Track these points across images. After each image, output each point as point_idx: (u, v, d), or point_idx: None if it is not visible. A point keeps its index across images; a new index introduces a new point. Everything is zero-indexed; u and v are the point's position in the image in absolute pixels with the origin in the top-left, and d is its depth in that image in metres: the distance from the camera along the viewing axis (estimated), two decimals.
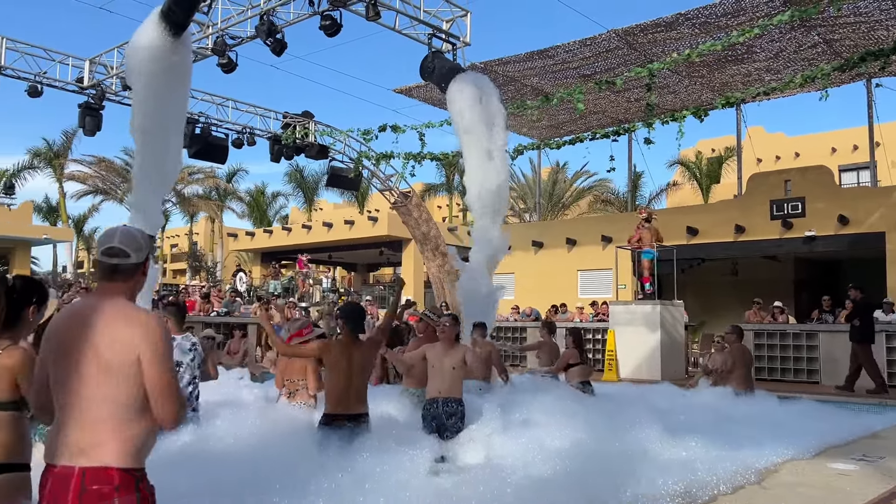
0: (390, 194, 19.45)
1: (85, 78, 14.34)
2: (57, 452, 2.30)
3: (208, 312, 17.47)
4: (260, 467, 4.60)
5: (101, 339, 2.36)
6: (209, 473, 4.52)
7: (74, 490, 2.24)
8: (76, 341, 2.36)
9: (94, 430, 2.31)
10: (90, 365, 2.34)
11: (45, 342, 2.46)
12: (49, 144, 35.00)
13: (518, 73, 16.45)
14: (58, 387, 2.38)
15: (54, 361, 2.40)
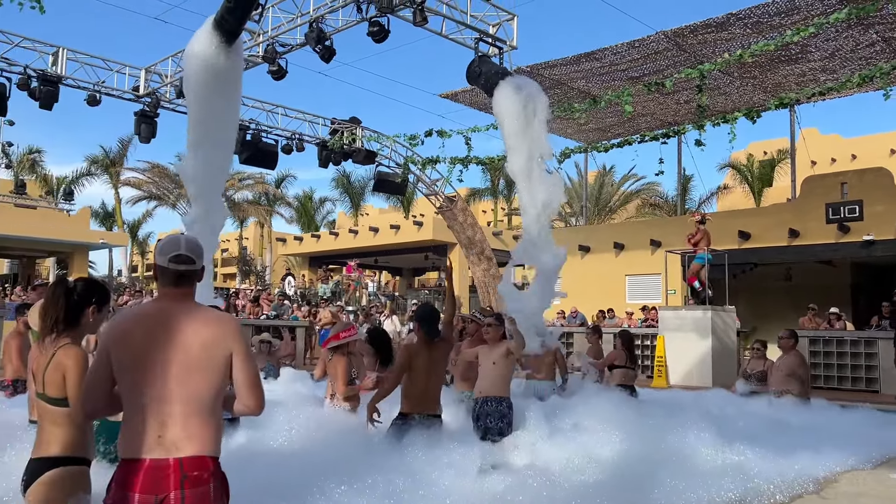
0: (436, 199, 19.53)
1: (141, 87, 14.77)
2: (144, 447, 2.46)
3: (258, 316, 17.77)
4: (314, 468, 4.65)
5: (193, 341, 2.55)
6: (260, 474, 4.60)
7: (175, 479, 2.44)
8: (160, 344, 2.53)
9: (185, 424, 2.51)
10: (178, 365, 2.52)
11: (115, 345, 2.58)
12: (106, 152, 36.17)
13: (565, 75, 16.35)
14: (136, 387, 2.52)
15: (131, 363, 2.53)
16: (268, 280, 38.73)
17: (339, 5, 11.01)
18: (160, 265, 2.69)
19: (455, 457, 5.08)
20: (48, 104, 13.39)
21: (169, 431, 2.48)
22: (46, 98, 13.34)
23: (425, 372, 5.42)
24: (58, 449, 3.05)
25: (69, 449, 3.06)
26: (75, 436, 3.09)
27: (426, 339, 5.55)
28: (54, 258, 32.70)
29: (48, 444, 3.07)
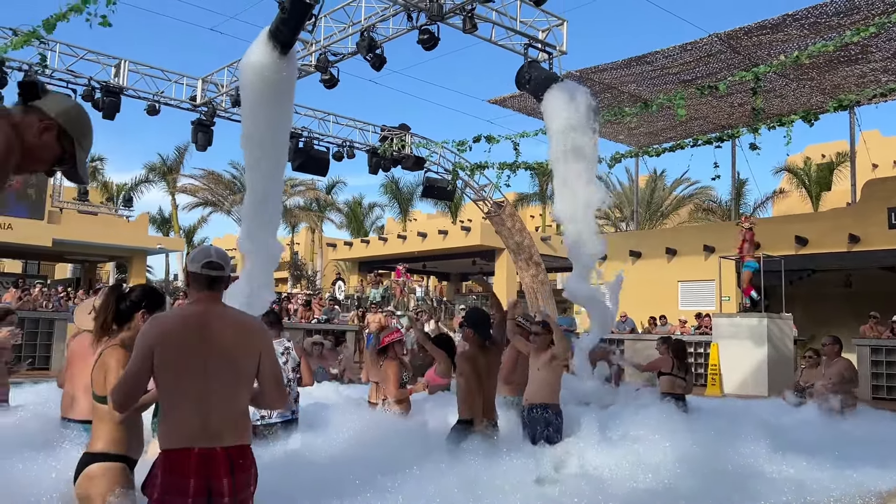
0: (484, 204, 19.55)
1: (198, 96, 15.20)
2: (191, 438, 2.71)
3: (309, 320, 18.07)
4: (370, 470, 4.71)
5: (230, 341, 2.83)
6: (317, 475, 4.69)
7: (225, 465, 2.71)
8: (202, 343, 2.79)
9: (226, 417, 2.79)
10: (217, 363, 2.79)
11: (158, 343, 2.77)
12: (163, 160, 37.26)
13: (615, 80, 16.21)
14: (180, 383, 2.76)
15: (175, 361, 2.76)
16: (318, 284, 39.30)
17: (390, 14, 11.14)
18: (193, 272, 2.94)
19: (510, 463, 5.10)
20: (111, 114, 13.88)
21: (213, 423, 2.74)
22: (109, 108, 13.83)
23: (483, 377, 5.45)
24: (101, 445, 3.22)
25: (110, 445, 3.22)
26: (116, 433, 3.23)
27: (480, 344, 5.56)
28: (114, 263, 33.82)
29: (95, 441, 3.25)
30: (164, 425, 2.79)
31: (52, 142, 2.14)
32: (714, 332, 14.33)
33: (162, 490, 2.67)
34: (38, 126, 2.11)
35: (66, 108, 2.19)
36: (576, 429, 6.16)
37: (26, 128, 2.08)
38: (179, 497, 2.64)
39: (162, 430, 2.80)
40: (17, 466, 4.04)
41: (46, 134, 2.12)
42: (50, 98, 2.18)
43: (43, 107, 2.15)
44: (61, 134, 2.15)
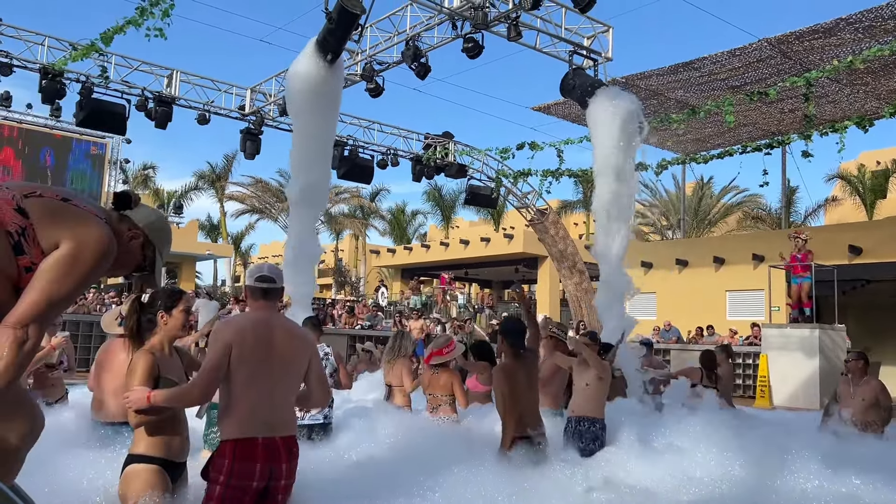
0: (527, 211, 19.50)
1: (246, 105, 15.53)
2: (257, 428, 3.10)
3: (353, 326, 18.24)
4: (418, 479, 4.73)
5: (288, 345, 3.28)
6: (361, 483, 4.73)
7: (286, 452, 3.15)
8: (269, 347, 3.21)
9: (285, 410, 3.27)
10: (279, 363, 3.23)
11: (235, 343, 3.16)
12: (212, 168, 38.12)
13: (661, 86, 16.00)
14: (251, 378, 3.14)
15: (248, 358, 3.15)
16: (362, 291, 39.63)
17: (435, 23, 11.23)
18: (249, 286, 3.39)
19: (558, 474, 5.07)
20: (163, 123, 14.29)
21: (275, 416, 3.17)
22: (161, 118, 14.23)
23: (520, 387, 5.37)
24: (141, 447, 3.37)
25: (149, 448, 3.36)
26: (155, 436, 3.39)
27: (514, 354, 5.50)
28: (164, 268, 34.65)
29: (135, 443, 3.41)
30: (231, 417, 3.12)
31: (137, 250, 2.37)
32: (763, 343, 13.99)
33: (230, 474, 3.02)
34: (127, 234, 2.32)
35: (153, 221, 2.42)
36: (620, 439, 6.09)
37: (119, 235, 2.27)
38: (247, 480, 3.03)
39: (229, 422, 3.12)
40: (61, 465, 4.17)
41: (134, 242, 2.35)
42: (140, 209, 2.40)
43: (133, 217, 2.37)
44: (146, 243, 2.38)
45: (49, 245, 2.03)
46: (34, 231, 2.02)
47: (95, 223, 2.15)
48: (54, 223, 2.05)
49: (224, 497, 3.02)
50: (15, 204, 2.03)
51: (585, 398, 6.01)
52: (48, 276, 1.99)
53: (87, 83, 13.58)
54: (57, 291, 2.01)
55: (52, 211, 2.07)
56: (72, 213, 2.11)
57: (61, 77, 13.20)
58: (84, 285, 2.13)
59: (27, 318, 1.94)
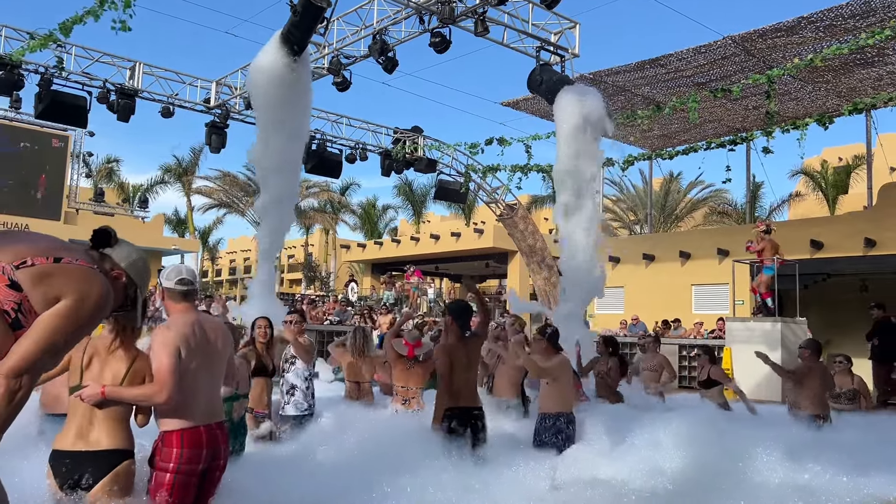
0: (496, 206, 19.54)
1: (212, 98, 15.30)
2: (199, 417, 3.41)
3: (321, 321, 18.13)
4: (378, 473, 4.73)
5: (218, 341, 3.60)
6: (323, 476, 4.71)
7: (222, 436, 3.52)
8: (206, 344, 3.51)
9: (218, 399, 3.67)
10: (214, 358, 3.55)
11: (183, 345, 3.37)
12: (178, 161, 37.55)
13: (628, 82, 16.15)
14: (195, 374, 3.40)
15: (192, 358, 3.39)
16: (332, 286, 39.42)
17: (402, 17, 11.17)
18: (169, 288, 3.53)
19: (519, 471, 5.10)
20: (125, 116, 14.01)
21: (213, 405, 3.52)
22: (124, 110, 13.96)
23: (461, 367, 5.56)
24: (126, 443, 3.57)
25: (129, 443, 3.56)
26: (128, 430, 3.59)
27: (458, 334, 5.68)
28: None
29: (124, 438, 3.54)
30: (177, 410, 3.34)
31: (120, 290, 2.36)
32: (727, 336, 14.21)
33: (179, 461, 3.31)
34: (111, 275, 2.31)
35: (135, 260, 2.43)
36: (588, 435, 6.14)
37: (104, 275, 2.25)
38: (194, 464, 3.35)
39: (175, 414, 3.35)
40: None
41: (117, 282, 2.33)
42: (120, 247, 2.40)
43: (114, 256, 2.37)
44: (128, 283, 2.38)
45: (46, 305, 2.02)
46: (29, 303, 2.00)
47: (94, 278, 2.15)
48: (52, 286, 2.04)
49: (175, 483, 3.31)
50: (7, 279, 1.99)
51: (546, 395, 6.11)
52: (45, 326, 1.98)
53: (45, 75, 13.27)
54: (53, 342, 2.00)
55: (46, 276, 2.04)
56: (68, 272, 2.09)
57: (19, 68, 12.87)
58: (79, 336, 2.13)
59: (21, 369, 1.92)
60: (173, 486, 3.30)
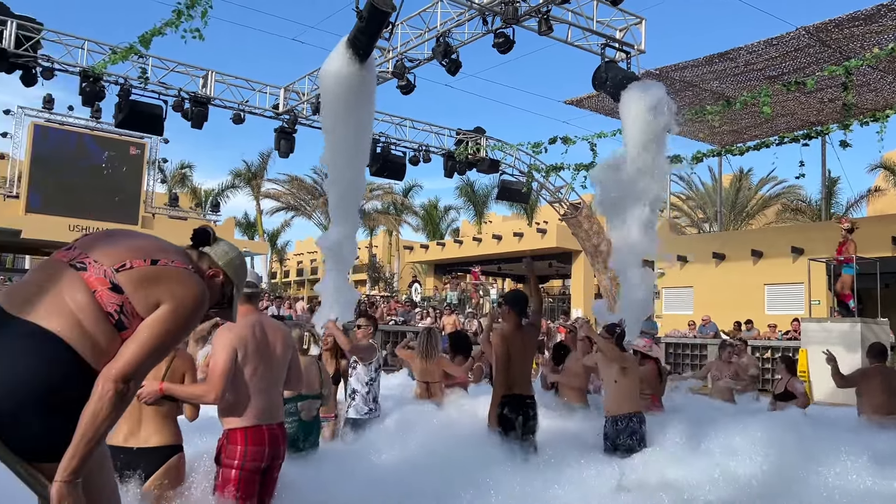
0: (560, 206, 19.38)
1: (280, 104, 15.70)
2: (261, 417, 3.51)
3: (386, 321, 18.37)
4: (438, 474, 4.77)
5: (278, 343, 3.69)
6: (379, 475, 4.78)
7: (282, 436, 3.62)
8: (266, 345, 3.63)
9: (279, 400, 3.72)
10: (273, 359, 3.63)
11: (241, 346, 3.51)
12: (248, 166, 38.63)
13: (696, 77, 15.78)
14: (255, 375, 3.53)
15: (252, 359, 3.53)
16: (395, 287, 39.83)
17: (465, 19, 11.21)
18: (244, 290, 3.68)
19: (585, 474, 5.05)
20: (199, 124, 14.51)
21: (274, 405, 3.61)
22: (198, 118, 14.46)
23: (517, 355, 5.65)
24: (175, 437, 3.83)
25: (177, 438, 3.82)
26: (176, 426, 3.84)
27: (515, 322, 5.78)
28: None
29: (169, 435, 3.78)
30: (240, 410, 3.49)
31: (217, 288, 2.40)
32: (803, 337, 13.73)
33: (244, 458, 3.44)
34: (208, 273, 2.36)
35: (232, 258, 2.44)
36: (659, 436, 6.03)
37: (201, 274, 2.32)
38: (257, 462, 3.47)
39: (238, 413, 3.49)
40: None
41: (214, 280, 2.38)
42: (218, 246, 2.44)
43: (212, 254, 2.41)
44: (226, 281, 2.40)
45: (149, 311, 2.10)
46: (131, 305, 2.09)
47: (190, 279, 2.22)
48: (152, 291, 2.12)
49: (241, 479, 3.46)
50: (109, 283, 2.08)
51: (618, 395, 5.95)
52: (148, 332, 2.06)
53: (125, 85, 13.85)
54: (156, 345, 2.08)
55: (147, 279, 2.13)
56: (166, 275, 2.17)
57: (101, 80, 13.49)
58: (181, 338, 2.22)
59: (128, 374, 2.00)
60: (239, 482, 3.45)
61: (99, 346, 2.02)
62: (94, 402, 1.95)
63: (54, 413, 1.94)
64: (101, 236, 2.28)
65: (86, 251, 2.16)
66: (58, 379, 1.95)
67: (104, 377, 1.98)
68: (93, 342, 2.01)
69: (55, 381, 1.95)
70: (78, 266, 2.11)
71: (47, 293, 2.04)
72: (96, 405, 1.95)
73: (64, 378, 1.96)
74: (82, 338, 2.00)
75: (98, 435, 1.97)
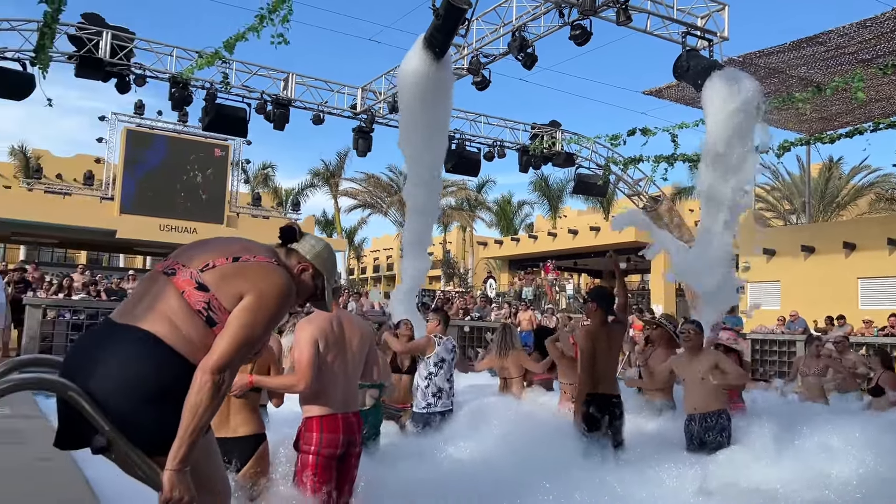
0: (639, 199, 19.01)
1: (358, 104, 15.99)
2: (336, 406, 3.67)
3: (462, 317, 18.44)
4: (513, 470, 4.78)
5: (355, 336, 3.85)
6: (468, 470, 4.82)
7: (357, 425, 3.75)
8: (343, 338, 3.79)
9: (355, 390, 3.88)
10: (350, 351, 3.81)
11: (321, 338, 3.66)
12: (326, 165, 39.49)
13: (782, 63, 15.13)
14: (332, 366, 3.70)
15: (330, 350, 3.69)
16: (470, 282, 39.94)
17: (542, 12, 11.14)
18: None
19: (666, 473, 4.96)
20: (281, 125, 14.95)
21: (349, 395, 3.77)
22: (279, 120, 14.90)
23: (606, 353, 5.60)
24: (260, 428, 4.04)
25: (259, 427, 4.00)
26: (257, 415, 4.03)
27: (601, 318, 5.72)
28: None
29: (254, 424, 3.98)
30: (317, 399, 3.65)
31: (309, 281, 2.51)
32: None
33: (319, 444, 3.60)
34: (298, 268, 2.47)
35: (319, 251, 2.55)
36: (744, 436, 5.85)
37: (290, 270, 2.43)
38: (332, 449, 3.62)
39: (315, 402, 3.65)
40: None
41: (305, 274, 2.49)
42: (305, 241, 2.54)
43: (300, 250, 2.51)
44: (315, 274, 2.50)
45: (234, 304, 2.22)
46: (217, 301, 2.21)
47: (272, 270, 2.32)
48: (234, 284, 2.23)
49: (317, 464, 3.61)
50: (195, 282, 2.22)
51: (704, 393, 5.78)
52: (238, 322, 2.18)
53: (210, 89, 14.41)
54: (245, 337, 2.18)
55: (229, 275, 2.25)
56: (246, 269, 2.28)
57: (189, 85, 14.07)
58: (270, 329, 2.31)
59: (222, 365, 2.12)
60: (317, 467, 3.61)
61: (194, 343, 2.16)
62: (194, 395, 2.08)
63: (165, 409, 2.09)
64: (194, 244, 2.44)
65: (177, 258, 2.34)
66: (164, 377, 2.10)
67: (201, 370, 2.11)
68: (189, 340, 2.16)
69: (163, 380, 2.10)
70: (169, 272, 2.28)
71: (147, 301, 2.22)
72: (196, 397, 2.08)
73: (169, 376, 2.11)
74: (180, 337, 2.15)
75: (200, 424, 2.09)
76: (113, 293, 14.70)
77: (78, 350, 2.22)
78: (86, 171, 29.24)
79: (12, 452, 4.58)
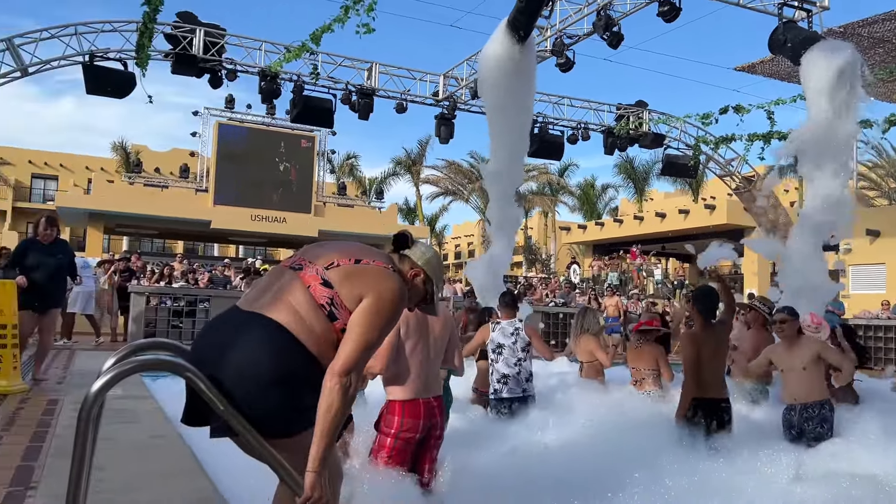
0: (731, 180, 18.32)
1: (440, 91, 16.03)
2: (418, 391, 3.75)
3: (545, 302, 18.33)
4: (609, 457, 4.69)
5: (436, 323, 3.88)
6: (556, 459, 4.77)
7: (438, 409, 3.82)
8: (424, 324, 3.83)
9: (436, 375, 3.94)
10: (432, 338, 3.86)
11: (402, 324, 3.72)
12: (408, 153, 39.88)
13: (889, 32, 14.19)
14: (414, 352, 3.77)
15: (411, 337, 3.76)
16: (552, 268, 39.58)
17: None
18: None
19: (760, 462, 4.78)
20: (366, 115, 15.18)
21: (431, 380, 3.82)
22: (364, 109, 15.13)
23: (706, 355, 5.35)
24: None
25: None
26: None
27: (704, 321, 5.49)
28: None
29: None
30: (399, 383, 3.73)
31: (420, 286, 2.66)
32: None
33: (399, 428, 3.68)
34: (410, 273, 2.61)
35: (429, 258, 2.68)
36: (844, 424, 5.58)
37: (403, 275, 2.57)
38: (412, 433, 3.70)
39: (397, 386, 3.74)
40: None
41: (417, 279, 2.64)
42: (416, 248, 2.68)
43: (412, 256, 2.65)
44: (426, 279, 2.65)
45: (354, 304, 2.36)
46: (340, 298, 2.35)
47: (389, 276, 2.45)
48: (355, 285, 2.37)
49: (394, 447, 3.69)
50: (320, 279, 2.37)
51: (807, 383, 5.51)
52: (359, 327, 2.31)
53: (298, 82, 14.77)
54: (368, 339, 2.32)
55: (351, 275, 2.39)
56: (366, 272, 2.42)
57: (277, 78, 14.47)
58: (388, 329, 2.43)
59: (349, 367, 2.25)
60: (392, 450, 3.68)
61: (316, 334, 2.30)
62: (325, 398, 2.22)
63: (283, 393, 2.22)
64: (316, 245, 2.61)
65: (303, 255, 2.51)
66: (284, 363, 2.24)
67: (330, 373, 2.24)
68: (311, 331, 2.30)
69: (282, 365, 2.23)
70: (296, 267, 2.44)
71: (273, 292, 2.38)
72: (327, 400, 2.21)
73: (289, 362, 2.24)
74: (303, 327, 2.28)
75: (334, 426, 2.22)
76: (218, 280, 15.51)
77: (206, 335, 2.39)
78: (181, 164, 30.65)
79: (127, 430, 4.87)
